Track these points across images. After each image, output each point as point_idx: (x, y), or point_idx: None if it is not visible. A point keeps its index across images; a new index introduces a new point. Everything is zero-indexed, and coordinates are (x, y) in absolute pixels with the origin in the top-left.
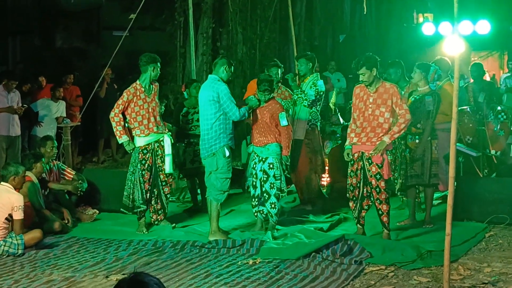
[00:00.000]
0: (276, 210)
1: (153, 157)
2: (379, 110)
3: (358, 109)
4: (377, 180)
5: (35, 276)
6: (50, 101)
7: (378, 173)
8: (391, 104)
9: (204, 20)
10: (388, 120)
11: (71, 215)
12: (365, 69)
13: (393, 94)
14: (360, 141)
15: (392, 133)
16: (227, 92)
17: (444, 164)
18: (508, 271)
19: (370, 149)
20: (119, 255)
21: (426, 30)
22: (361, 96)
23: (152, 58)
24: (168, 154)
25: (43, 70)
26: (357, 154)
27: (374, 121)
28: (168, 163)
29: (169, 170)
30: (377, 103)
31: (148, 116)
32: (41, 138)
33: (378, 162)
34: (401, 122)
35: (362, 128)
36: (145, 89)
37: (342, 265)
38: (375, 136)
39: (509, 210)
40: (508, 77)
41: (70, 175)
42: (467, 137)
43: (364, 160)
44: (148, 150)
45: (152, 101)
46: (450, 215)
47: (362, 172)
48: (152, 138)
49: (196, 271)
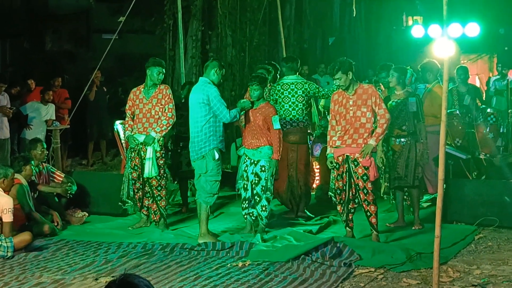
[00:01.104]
0: (267, 213)
1: (139, 159)
2: (361, 111)
3: (338, 114)
4: (364, 182)
5: (24, 278)
6: (40, 104)
7: (365, 174)
8: (371, 104)
9: (194, 23)
10: (370, 119)
11: (61, 218)
12: (341, 73)
13: (372, 94)
14: (344, 144)
15: (377, 135)
16: (218, 95)
17: (434, 167)
18: (498, 273)
19: (355, 151)
20: (109, 258)
21: (415, 33)
22: (340, 101)
23: (151, 61)
24: (149, 158)
25: (33, 73)
26: (341, 157)
27: (356, 122)
28: (147, 167)
29: (145, 174)
30: (358, 104)
31: (141, 117)
32: (31, 140)
33: (366, 165)
34: (382, 122)
35: (345, 131)
36: (145, 91)
37: (331, 267)
38: (360, 137)
39: (498, 213)
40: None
41: (59, 178)
42: (457, 139)
43: (350, 163)
44: (134, 150)
45: (149, 103)
46: (440, 217)
47: (348, 175)
48: (139, 139)
49: (186, 273)
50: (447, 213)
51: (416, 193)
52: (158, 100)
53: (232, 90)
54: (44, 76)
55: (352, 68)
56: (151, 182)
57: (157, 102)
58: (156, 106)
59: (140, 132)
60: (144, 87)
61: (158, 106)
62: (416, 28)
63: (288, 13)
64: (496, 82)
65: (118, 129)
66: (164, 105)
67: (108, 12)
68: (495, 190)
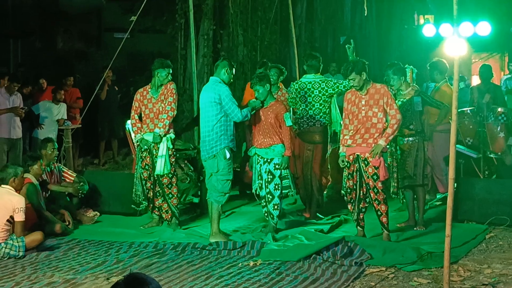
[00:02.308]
0: (278, 212)
1: (151, 157)
2: (372, 111)
3: (351, 113)
4: (375, 181)
5: (36, 278)
6: (51, 104)
7: (375, 174)
8: (383, 104)
9: (205, 22)
10: (382, 120)
11: (72, 217)
12: (354, 74)
13: (384, 94)
14: (355, 143)
15: (387, 136)
16: (229, 94)
17: (444, 166)
18: (508, 273)
19: (366, 151)
20: (120, 257)
21: (427, 32)
22: (353, 100)
23: (158, 64)
24: (161, 155)
25: (44, 72)
26: (352, 156)
27: (368, 122)
28: (159, 164)
29: (158, 172)
30: (370, 104)
31: (152, 117)
32: (42, 140)
33: (375, 165)
34: (393, 123)
35: (357, 130)
36: (153, 91)
37: (342, 266)
38: (370, 137)
39: (509, 212)
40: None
41: (71, 177)
42: (467, 138)
43: (360, 162)
44: (146, 149)
45: (158, 102)
46: (450, 216)
47: (358, 174)
48: (149, 138)
49: (197, 273)
50: (458, 212)
51: (423, 193)
52: (165, 97)
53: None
54: (56, 75)
55: (366, 68)
56: (162, 180)
57: (165, 98)
58: (164, 104)
59: (151, 130)
60: (151, 88)
61: (164, 104)
62: (428, 27)
63: (299, 12)
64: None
65: (130, 128)
66: (165, 99)
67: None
68: (506, 189)
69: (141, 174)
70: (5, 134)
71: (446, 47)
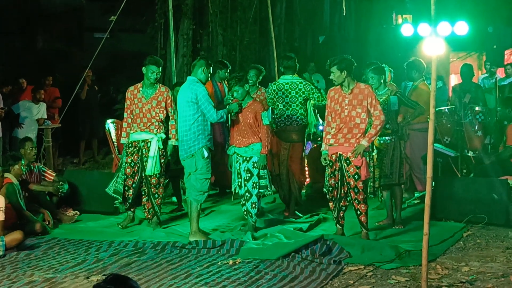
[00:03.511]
0: (256, 210)
1: (139, 156)
2: (356, 111)
3: (333, 111)
4: (356, 181)
5: (16, 277)
6: (31, 103)
7: (357, 173)
8: (366, 104)
9: (185, 22)
10: (365, 120)
11: (52, 217)
12: (335, 68)
13: (368, 95)
14: (337, 142)
15: (370, 136)
16: (205, 94)
17: (422, 164)
18: (486, 270)
19: (348, 150)
20: (100, 256)
21: (405, 31)
22: (336, 99)
23: (148, 60)
24: (152, 156)
25: (24, 72)
26: (334, 155)
27: (351, 122)
28: (149, 164)
29: (148, 172)
30: (353, 104)
31: (142, 116)
32: (20, 139)
33: (357, 164)
34: (376, 124)
35: (339, 129)
36: (143, 90)
37: (321, 265)
38: (353, 137)
39: (486, 210)
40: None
41: (51, 177)
42: (445, 137)
43: (342, 161)
44: (134, 147)
45: (148, 103)
46: (428, 214)
47: (340, 173)
48: (139, 137)
49: (177, 271)
50: (436, 210)
51: (400, 192)
52: (158, 102)
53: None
54: (36, 75)
55: (350, 68)
56: (151, 180)
57: (157, 104)
58: (156, 107)
59: (141, 130)
60: (143, 86)
61: (159, 108)
62: (406, 27)
63: (279, 12)
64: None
65: (110, 128)
66: (166, 107)
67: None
68: (483, 187)
69: (124, 169)
70: None
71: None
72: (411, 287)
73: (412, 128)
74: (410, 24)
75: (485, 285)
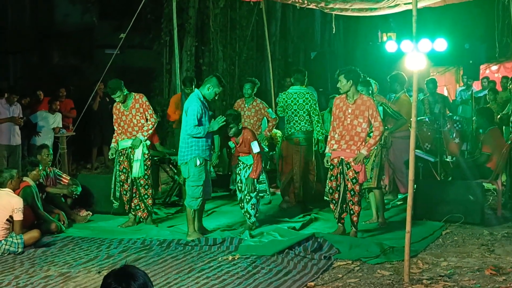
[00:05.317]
0: (255, 211)
1: (128, 161)
2: (357, 120)
3: (337, 118)
4: (353, 184)
5: (33, 272)
6: (48, 113)
7: (355, 178)
8: (368, 115)
9: (188, 39)
10: (365, 129)
11: (67, 217)
12: (343, 77)
13: (369, 107)
14: (340, 148)
15: (369, 145)
16: (195, 109)
17: (405, 169)
18: (463, 265)
19: (349, 156)
20: (111, 253)
21: (389, 48)
22: (341, 107)
23: (111, 90)
24: (137, 160)
25: (40, 85)
26: (336, 159)
27: (352, 130)
28: (135, 167)
29: (134, 174)
30: (355, 114)
31: (123, 125)
32: (38, 146)
33: (357, 169)
34: (376, 134)
35: (342, 136)
36: (124, 105)
37: (312, 260)
38: (354, 144)
39: (463, 210)
40: (463, 90)
41: (65, 180)
42: (426, 144)
43: (343, 165)
44: (123, 154)
45: (129, 114)
46: (410, 214)
47: (341, 176)
48: (126, 144)
49: (181, 266)
50: (417, 211)
51: (380, 195)
52: (136, 109)
53: (223, 100)
54: (52, 88)
55: (356, 79)
56: (140, 181)
57: (136, 112)
58: (136, 115)
59: (128, 137)
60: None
61: (138, 115)
62: (390, 44)
63: (274, 30)
64: (462, 92)
65: None
66: (143, 112)
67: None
68: (460, 190)
69: (118, 176)
70: (5, 141)
71: (406, 61)
72: (394, 280)
73: (395, 136)
74: (394, 41)
75: (462, 278)
